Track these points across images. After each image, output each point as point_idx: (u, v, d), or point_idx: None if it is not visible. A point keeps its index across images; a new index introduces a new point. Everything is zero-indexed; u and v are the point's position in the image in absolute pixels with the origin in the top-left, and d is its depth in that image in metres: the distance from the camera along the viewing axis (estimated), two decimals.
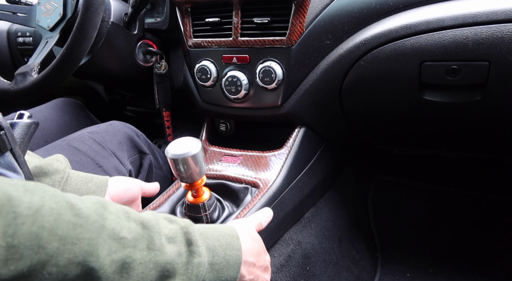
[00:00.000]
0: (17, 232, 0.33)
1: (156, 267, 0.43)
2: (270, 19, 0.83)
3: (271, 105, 0.91)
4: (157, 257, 0.43)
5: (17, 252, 0.33)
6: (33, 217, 0.34)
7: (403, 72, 0.78)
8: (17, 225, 0.33)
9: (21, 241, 0.33)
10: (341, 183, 1.21)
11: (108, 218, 0.41)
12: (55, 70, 0.83)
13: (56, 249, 0.35)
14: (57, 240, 0.35)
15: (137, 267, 0.41)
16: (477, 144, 1.05)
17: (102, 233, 0.39)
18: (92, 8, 0.80)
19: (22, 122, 0.55)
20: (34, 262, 0.34)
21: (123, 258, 0.40)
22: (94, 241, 0.38)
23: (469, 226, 1.23)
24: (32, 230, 0.34)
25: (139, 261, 0.41)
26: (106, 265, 0.39)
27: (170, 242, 0.46)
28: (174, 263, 0.44)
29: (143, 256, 0.42)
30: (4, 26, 1.39)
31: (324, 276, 0.98)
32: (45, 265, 0.35)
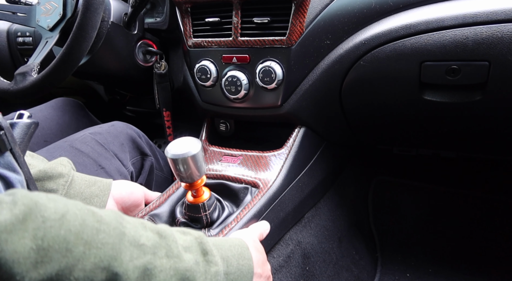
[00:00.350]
0: (46, 235, 0.34)
1: (176, 275, 0.43)
2: (270, 19, 0.83)
3: (271, 105, 0.91)
4: (176, 264, 0.43)
5: (46, 255, 0.33)
6: (60, 221, 0.35)
7: (403, 72, 0.78)
8: (46, 228, 0.34)
9: (50, 244, 0.34)
10: (341, 183, 1.21)
11: (127, 226, 0.41)
12: (55, 70, 0.83)
13: (83, 253, 0.36)
14: (83, 244, 0.36)
15: (159, 274, 0.41)
16: (477, 144, 1.05)
17: (123, 239, 0.40)
18: (92, 8, 0.79)
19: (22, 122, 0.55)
20: (62, 266, 0.35)
21: (145, 264, 0.40)
22: (117, 246, 0.39)
23: (469, 226, 1.23)
24: (60, 234, 0.35)
25: (159, 268, 0.42)
26: (130, 271, 0.39)
27: (186, 251, 0.46)
28: (193, 271, 0.45)
29: (163, 263, 0.42)
30: (4, 26, 1.39)
31: (324, 276, 0.98)
32: (72, 270, 0.35)
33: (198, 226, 0.73)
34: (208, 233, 0.72)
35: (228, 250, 0.52)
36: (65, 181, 0.67)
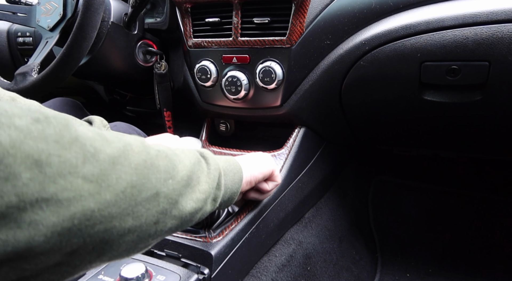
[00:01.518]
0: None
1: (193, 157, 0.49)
2: (270, 19, 0.83)
3: (271, 105, 0.91)
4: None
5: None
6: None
7: (403, 72, 0.78)
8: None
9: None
10: (341, 183, 1.21)
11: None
12: (55, 70, 0.83)
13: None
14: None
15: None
16: (477, 144, 1.05)
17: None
18: (92, 8, 0.80)
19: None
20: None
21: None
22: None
23: (469, 226, 1.23)
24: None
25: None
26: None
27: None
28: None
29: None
30: (4, 26, 1.39)
31: (325, 276, 0.98)
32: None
33: (198, 226, 0.73)
34: (208, 234, 0.72)
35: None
36: None
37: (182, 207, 0.43)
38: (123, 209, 0.35)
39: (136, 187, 0.37)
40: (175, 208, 0.42)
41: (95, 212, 0.33)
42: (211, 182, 0.50)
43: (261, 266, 0.82)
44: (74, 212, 0.31)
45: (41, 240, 0.29)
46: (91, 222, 0.32)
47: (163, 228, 0.41)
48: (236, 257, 0.72)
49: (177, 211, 0.43)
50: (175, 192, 0.42)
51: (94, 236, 0.33)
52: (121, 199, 0.35)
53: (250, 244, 0.76)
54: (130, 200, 0.36)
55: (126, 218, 0.36)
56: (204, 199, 0.48)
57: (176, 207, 0.42)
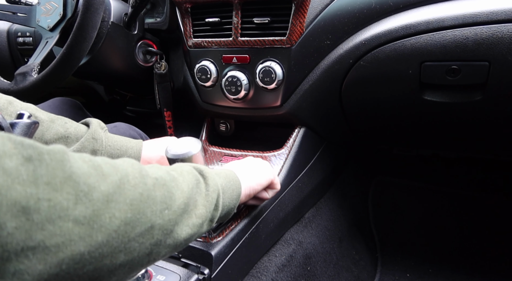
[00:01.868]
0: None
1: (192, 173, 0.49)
2: (270, 19, 0.83)
3: (271, 105, 0.91)
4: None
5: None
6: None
7: (403, 72, 0.78)
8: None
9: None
10: (341, 183, 1.21)
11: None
12: (55, 70, 0.83)
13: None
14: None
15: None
16: (477, 144, 1.05)
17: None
18: (92, 8, 0.80)
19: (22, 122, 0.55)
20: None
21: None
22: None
23: (469, 226, 1.23)
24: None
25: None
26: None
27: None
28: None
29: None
30: (4, 26, 1.38)
31: (325, 276, 0.98)
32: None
33: None
34: (208, 234, 0.72)
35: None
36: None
37: (177, 235, 0.42)
38: (115, 248, 0.34)
39: (130, 223, 0.35)
40: (170, 237, 0.41)
41: (85, 255, 0.31)
42: (209, 205, 0.49)
43: (261, 266, 0.82)
44: (63, 257, 0.29)
45: None
46: (80, 265, 0.31)
47: (156, 257, 0.40)
48: (236, 257, 0.72)
49: (171, 240, 0.41)
50: (171, 222, 0.41)
51: (83, 277, 0.32)
52: (113, 238, 0.33)
53: (250, 244, 0.76)
54: (123, 237, 0.34)
55: (117, 255, 0.34)
56: (201, 224, 0.47)
57: (171, 236, 0.41)
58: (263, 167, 0.69)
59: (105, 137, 0.76)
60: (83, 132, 0.75)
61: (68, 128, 0.74)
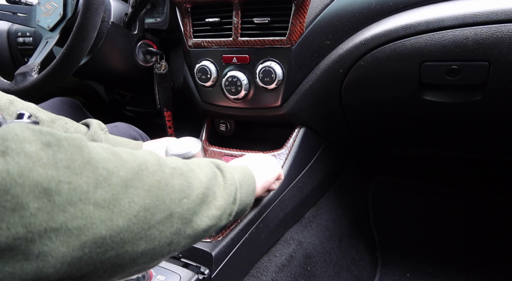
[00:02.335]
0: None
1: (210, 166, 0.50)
2: (270, 19, 0.83)
3: (271, 105, 0.91)
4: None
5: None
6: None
7: (403, 72, 0.78)
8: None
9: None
10: (341, 183, 1.21)
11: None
12: (55, 70, 0.83)
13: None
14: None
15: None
16: (477, 144, 1.05)
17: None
18: (92, 8, 0.80)
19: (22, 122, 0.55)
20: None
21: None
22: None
23: (469, 226, 1.23)
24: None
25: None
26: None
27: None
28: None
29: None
30: (4, 26, 1.39)
31: (325, 276, 0.98)
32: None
33: None
34: None
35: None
36: None
37: (196, 226, 0.42)
38: (135, 234, 0.34)
39: (149, 210, 0.35)
40: (189, 227, 0.41)
41: (106, 239, 0.31)
42: (227, 197, 0.49)
43: (261, 266, 0.82)
44: (85, 240, 0.30)
45: (50, 272, 0.28)
46: (102, 249, 0.31)
47: (177, 247, 0.41)
48: (236, 257, 0.73)
49: (191, 230, 0.41)
50: (190, 211, 0.41)
51: (105, 262, 0.32)
52: (133, 223, 0.34)
53: (250, 244, 0.76)
54: (143, 224, 0.35)
55: (139, 242, 0.35)
56: (219, 216, 0.47)
57: (190, 226, 0.41)
58: (271, 161, 0.71)
59: (105, 138, 0.76)
60: (83, 133, 0.75)
61: (68, 128, 0.74)
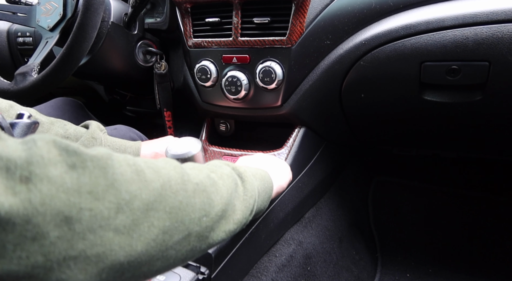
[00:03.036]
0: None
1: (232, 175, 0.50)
2: (270, 19, 0.83)
3: (271, 105, 0.91)
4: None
5: None
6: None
7: (403, 72, 0.78)
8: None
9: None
10: (341, 183, 1.21)
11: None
12: (55, 70, 0.83)
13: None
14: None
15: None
16: (477, 144, 1.05)
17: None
18: (92, 8, 0.80)
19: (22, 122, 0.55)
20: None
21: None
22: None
23: (469, 226, 1.23)
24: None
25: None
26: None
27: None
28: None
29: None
30: (4, 26, 1.38)
31: (325, 276, 0.98)
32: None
33: None
34: None
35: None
36: None
37: (212, 241, 0.42)
38: (153, 256, 0.34)
39: (168, 232, 0.35)
40: (205, 243, 0.41)
41: (124, 265, 0.31)
42: (246, 210, 0.49)
43: (261, 266, 0.82)
44: (103, 267, 0.30)
45: None
46: (119, 273, 0.31)
47: (188, 261, 0.41)
48: (236, 257, 0.72)
49: (206, 245, 0.41)
50: (207, 229, 0.41)
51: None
52: (152, 247, 0.33)
53: (250, 244, 0.76)
54: (161, 246, 0.34)
55: (155, 262, 0.35)
56: (235, 229, 0.46)
57: (206, 242, 0.41)
58: (285, 165, 0.71)
59: (104, 138, 0.77)
60: (82, 132, 0.75)
61: (68, 129, 0.75)
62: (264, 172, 0.59)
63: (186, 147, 0.64)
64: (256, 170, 0.58)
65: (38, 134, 0.30)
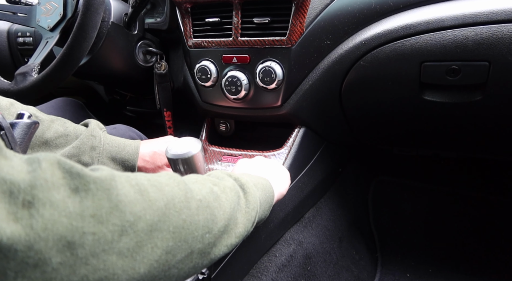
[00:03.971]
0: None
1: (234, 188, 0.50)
2: (270, 19, 0.83)
3: (271, 105, 0.91)
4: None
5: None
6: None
7: (403, 72, 0.78)
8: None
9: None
10: (341, 183, 1.21)
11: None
12: (55, 70, 0.83)
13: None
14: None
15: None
16: (477, 144, 1.05)
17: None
18: (92, 8, 0.80)
19: (22, 122, 0.55)
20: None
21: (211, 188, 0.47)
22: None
23: (469, 226, 1.23)
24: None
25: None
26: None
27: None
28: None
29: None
30: (4, 26, 1.39)
31: (325, 276, 0.98)
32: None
33: None
34: None
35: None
36: (98, 153, 0.73)
37: (214, 256, 0.42)
38: (155, 277, 0.33)
39: (171, 252, 0.35)
40: (206, 259, 0.41)
41: None
42: (248, 223, 0.48)
43: (261, 266, 0.82)
44: None
45: None
46: None
47: (191, 276, 0.41)
48: (236, 257, 0.73)
49: (208, 260, 0.41)
50: (210, 245, 0.40)
51: None
52: (154, 268, 0.33)
53: (250, 244, 0.76)
54: (163, 266, 0.34)
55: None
56: (237, 243, 0.46)
57: (208, 257, 0.41)
58: (285, 172, 0.71)
59: (103, 136, 0.77)
60: (81, 130, 0.76)
61: (68, 127, 0.75)
62: (266, 181, 0.59)
63: (186, 147, 0.64)
64: (258, 179, 0.57)
65: (43, 154, 0.29)
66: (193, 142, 0.65)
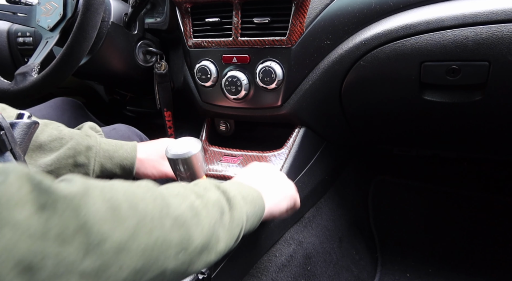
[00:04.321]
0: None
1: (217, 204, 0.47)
2: (270, 19, 0.83)
3: (271, 105, 0.91)
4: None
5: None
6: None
7: (403, 72, 0.78)
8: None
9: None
10: (341, 183, 1.21)
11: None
12: (55, 70, 0.83)
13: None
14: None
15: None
16: (477, 144, 1.05)
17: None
18: (92, 8, 0.80)
19: (22, 122, 0.55)
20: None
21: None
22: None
23: (469, 226, 1.23)
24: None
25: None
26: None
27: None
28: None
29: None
30: (4, 26, 1.39)
31: (325, 276, 0.98)
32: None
33: None
34: None
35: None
36: (94, 153, 0.73)
37: (189, 273, 0.40)
38: None
39: (140, 271, 0.33)
40: (182, 277, 0.39)
41: None
42: (231, 239, 0.46)
43: (261, 266, 0.82)
44: None
45: None
46: None
47: None
48: (236, 257, 0.73)
49: (183, 277, 0.39)
50: (185, 264, 0.38)
51: None
52: None
53: (250, 244, 0.76)
54: None
55: None
56: (216, 259, 0.44)
57: (183, 275, 0.39)
58: (288, 188, 0.66)
59: (99, 136, 0.77)
60: (76, 133, 0.75)
61: (62, 130, 0.75)
62: (257, 193, 0.56)
63: (186, 147, 0.64)
64: (249, 191, 0.54)
65: (13, 165, 0.28)
66: (193, 142, 0.65)
